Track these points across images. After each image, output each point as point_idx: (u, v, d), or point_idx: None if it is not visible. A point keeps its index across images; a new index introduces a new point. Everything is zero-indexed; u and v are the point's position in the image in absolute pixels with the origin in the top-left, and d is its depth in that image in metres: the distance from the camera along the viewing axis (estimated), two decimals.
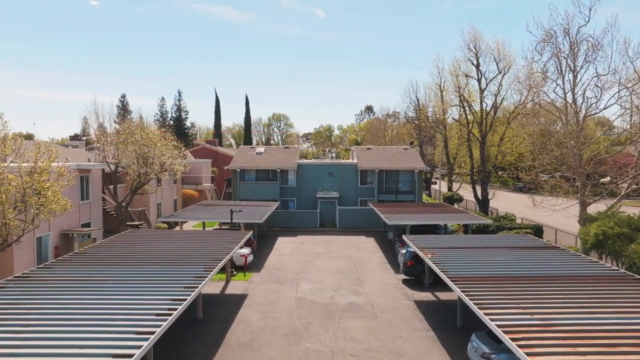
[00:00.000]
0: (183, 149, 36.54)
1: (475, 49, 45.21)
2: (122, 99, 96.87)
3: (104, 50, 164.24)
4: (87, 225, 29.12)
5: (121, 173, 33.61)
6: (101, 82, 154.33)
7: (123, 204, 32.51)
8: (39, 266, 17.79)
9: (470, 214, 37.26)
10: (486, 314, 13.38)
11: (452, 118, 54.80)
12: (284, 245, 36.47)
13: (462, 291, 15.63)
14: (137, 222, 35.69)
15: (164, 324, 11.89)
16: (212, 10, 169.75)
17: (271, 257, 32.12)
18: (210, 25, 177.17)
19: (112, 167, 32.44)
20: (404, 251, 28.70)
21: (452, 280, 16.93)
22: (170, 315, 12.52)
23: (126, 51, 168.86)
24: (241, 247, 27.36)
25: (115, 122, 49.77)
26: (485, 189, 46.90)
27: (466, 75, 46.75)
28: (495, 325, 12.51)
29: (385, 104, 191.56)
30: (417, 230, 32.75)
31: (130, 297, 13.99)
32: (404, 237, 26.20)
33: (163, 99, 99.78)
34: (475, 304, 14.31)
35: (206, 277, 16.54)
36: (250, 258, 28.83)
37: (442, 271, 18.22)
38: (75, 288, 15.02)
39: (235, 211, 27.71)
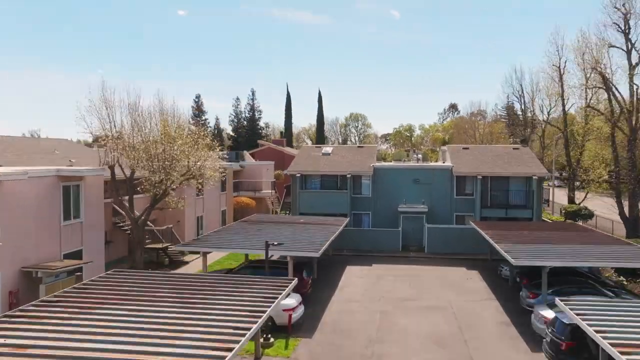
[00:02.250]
0: (217, 148, 27.57)
1: (625, 8, 32.26)
2: (196, 100, 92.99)
3: (182, 58, 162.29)
4: (77, 255, 20.87)
5: (140, 180, 25.29)
6: (172, 86, 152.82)
7: (139, 222, 24.27)
8: None
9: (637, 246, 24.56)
10: None
11: (590, 106, 41.06)
12: (353, 280, 26.43)
13: None
14: (161, 245, 27.26)
15: None
16: (288, 15, 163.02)
17: (333, 304, 22.13)
18: (283, 28, 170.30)
19: (121, 171, 24.24)
20: (545, 313, 17.62)
21: None
22: None
23: (203, 59, 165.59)
24: (286, 296, 17.66)
25: (189, 122, 43.64)
26: (636, 204, 33.68)
27: (610, 46, 33.69)
28: None
29: (476, 100, 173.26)
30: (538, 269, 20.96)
31: None
32: (557, 300, 15.02)
33: (238, 99, 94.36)
34: None
35: None
36: (298, 312, 19.00)
37: None
38: None
39: (273, 244, 18.05)
